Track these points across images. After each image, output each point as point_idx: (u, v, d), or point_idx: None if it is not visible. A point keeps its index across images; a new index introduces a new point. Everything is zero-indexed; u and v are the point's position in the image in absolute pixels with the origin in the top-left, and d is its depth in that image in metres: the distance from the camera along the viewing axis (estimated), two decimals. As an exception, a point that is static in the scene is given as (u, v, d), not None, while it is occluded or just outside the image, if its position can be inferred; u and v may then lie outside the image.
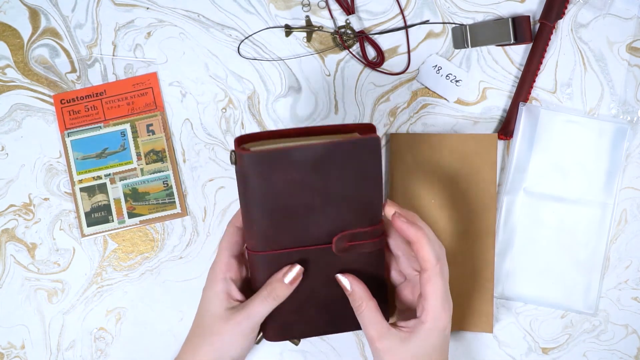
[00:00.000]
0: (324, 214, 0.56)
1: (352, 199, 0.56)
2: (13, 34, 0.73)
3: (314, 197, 0.55)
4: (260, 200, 0.55)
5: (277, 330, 0.61)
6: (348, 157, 0.54)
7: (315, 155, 0.54)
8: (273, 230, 0.56)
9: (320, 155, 0.54)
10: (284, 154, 0.53)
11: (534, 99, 0.72)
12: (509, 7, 0.73)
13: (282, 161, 0.54)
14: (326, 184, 0.55)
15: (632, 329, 0.71)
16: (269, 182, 0.54)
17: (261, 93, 0.73)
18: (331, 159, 0.54)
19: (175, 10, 0.73)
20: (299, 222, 0.56)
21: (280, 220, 0.56)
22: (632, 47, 0.72)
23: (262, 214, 0.55)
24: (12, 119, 0.72)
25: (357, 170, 0.55)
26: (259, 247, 0.57)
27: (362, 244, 0.57)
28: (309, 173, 0.54)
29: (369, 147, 0.55)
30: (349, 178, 0.55)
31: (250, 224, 0.56)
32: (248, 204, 0.55)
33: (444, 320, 0.56)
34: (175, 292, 0.72)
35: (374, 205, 0.57)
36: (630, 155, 0.72)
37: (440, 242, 0.58)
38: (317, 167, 0.54)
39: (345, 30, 0.73)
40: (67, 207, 0.72)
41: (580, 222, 0.71)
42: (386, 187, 0.72)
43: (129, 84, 0.72)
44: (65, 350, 0.71)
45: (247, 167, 0.54)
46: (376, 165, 0.55)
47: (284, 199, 0.55)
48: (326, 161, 0.54)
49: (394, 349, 0.55)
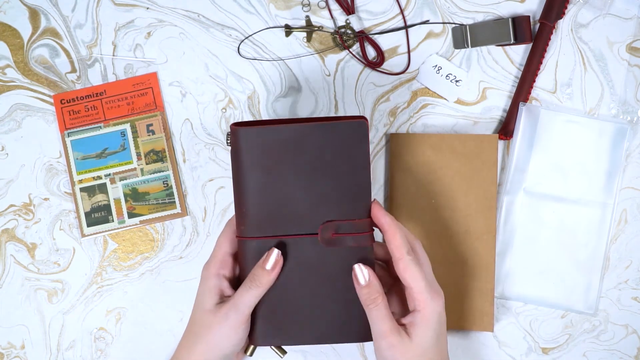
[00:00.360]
0: (313, 200, 0.57)
1: (341, 185, 0.57)
2: (13, 34, 0.73)
3: (303, 180, 0.57)
4: (249, 177, 0.57)
5: (264, 333, 0.60)
6: (335, 139, 0.56)
7: (303, 134, 0.56)
8: (261, 212, 0.57)
9: (308, 134, 0.56)
10: (273, 131, 0.56)
11: (534, 99, 0.72)
12: (509, 7, 0.73)
13: (272, 137, 0.56)
14: (315, 166, 0.57)
15: (632, 329, 0.71)
16: (259, 158, 0.57)
17: (261, 93, 0.73)
18: (319, 140, 0.56)
19: (175, 10, 0.73)
20: (288, 207, 0.57)
21: (269, 202, 0.57)
22: (632, 47, 0.72)
23: (251, 192, 0.57)
24: (12, 119, 0.72)
25: (344, 154, 0.57)
26: (247, 232, 0.58)
27: (348, 236, 0.57)
28: (297, 153, 0.57)
29: (356, 129, 0.56)
30: (337, 161, 0.57)
31: (240, 204, 0.58)
32: (239, 182, 0.57)
33: (436, 304, 0.56)
34: (175, 292, 0.72)
35: (362, 194, 0.57)
36: (630, 155, 0.72)
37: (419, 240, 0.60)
38: (305, 147, 0.57)
39: (345, 30, 0.73)
40: (67, 207, 0.72)
41: (580, 222, 0.71)
42: (386, 187, 0.72)
43: (129, 84, 0.72)
44: (65, 350, 0.71)
45: (239, 142, 0.56)
46: (363, 149, 0.57)
47: (272, 178, 0.57)
48: (314, 141, 0.57)
49: (404, 343, 0.56)
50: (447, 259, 0.70)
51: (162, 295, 0.72)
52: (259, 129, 0.56)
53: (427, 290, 0.56)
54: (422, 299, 0.56)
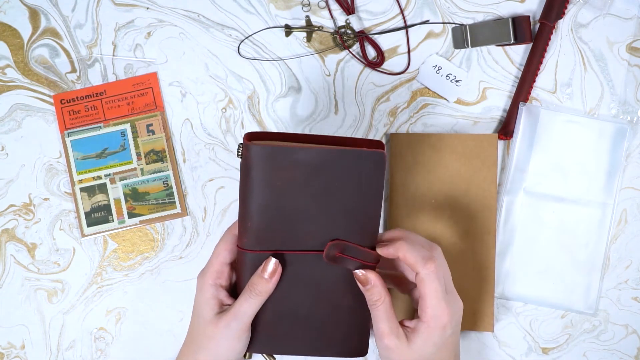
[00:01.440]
0: (320, 221, 0.56)
1: (350, 211, 0.56)
2: (13, 34, 0.73)
3: (312, 201, 0.55)
4: (259, 194, 0.55)
5: (260, 341, 0.60)
6: (352, 168, 0.54)
7: (320, 160, 0.54)
8: (266, 228, 0.56)
9: (325, 160, 0.54)
10: (289, 152, 0.54)
11: (534, 99, 0.72)
12: (509, 7, 0.73)
13: (287, 159, 0.54)
14: (327, 190, 0.55)
15: (632, 329, 0.71)
16: (271, 177, 0.54)
17: (261, 93, 0.73)
18: (335, 166, 0.54)
19: (175, 10, 0.73)
20: (294, 224, 0.56)
21: (275, 219, 0.56)
22: (632, 47, 0.72)
23: (258, 208, 0.55)
24: (12, 119, 0.72)
25: (359, 183, 0.55)
26: (250, 245, 0.57)
27: (353, 260, 0.57)
28: (311, 176, 0.54)
29: (374, 161, 0.55)
30: (350, 189, 0.55)
31: (246, 219, 0.56)
32: (246, 197, 0.56)
33: (444, 318, 0.56)
34: (175, 292, 0.72)
35: (371, 223, 0.56)
36: (630, 155, 0.72)
37: (434, 242, 0.59)
38: (320, 171, 0.54)
39: (345, 30, 0.73)
40: (67, 207, 0.72)
41: (580, 222, 0.71)
42: (386, 187, 0.72)
43: (129, 84, 0.72)
44: (65, 350, 0.71)
45: (251, 158, 0.54)
46: (379, 181, 0.55)
47: (282, 197, 0.55)
48: (329, 167, 0.54)
49: (400, 347, 0.56)
50: (447, 259, 0.69)
51: (162, 295, 0.72)
52: (274, 148, 0.54)
53: (437, 304, 0.56)
54: (430, 313, 0.56)
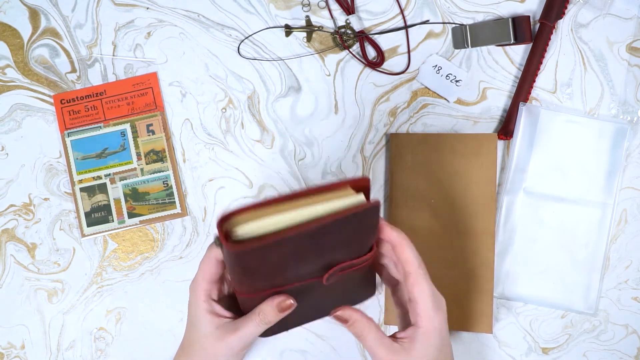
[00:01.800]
0: (316, 261, 0.53)
1: (347, 243, 0.53)
2: (13, 34, 0.73)
3: (307, 254, 0.52)
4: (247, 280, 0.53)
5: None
6: (345, 226, 0.50)
7: (309, 236, 0.49)
8: (263, 284, 0.54)
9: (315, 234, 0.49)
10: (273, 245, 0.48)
11: (534, 99, 0.72)
12: (509, 7, 0.73)
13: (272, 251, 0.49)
14: (321, 245, 0.51)
15: (632, 329, 0.71)
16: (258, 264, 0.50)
17: (261, 93, 0.73)
18: (327, 231, 0.49)
19: (175, 10, 0.73)
20: (290, 270, 0.53)
21: (270, 276, 0.53)
22: (632, 47, 0.72)
23: (251, 282, 0.53)
24: (12, 119, 0.72)
25: (354, 232, 0.52)
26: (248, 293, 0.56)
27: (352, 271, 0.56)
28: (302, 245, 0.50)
29: (370, 214, 0.51)
30: (345, 238, 0.52)
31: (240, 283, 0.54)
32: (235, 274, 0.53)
33: (438, 320, 0.56)
34: (175, 292, 0.72)
35: (369, 242, 0.55)
36: (630, 155, 0.72)
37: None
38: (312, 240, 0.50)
39: (345, 30, 0.73)
40: (67, 207, 0.72)
41: (580, 222, 0.71)
42: (386, 187, 0.72)
43: (129, 84, 0.72)
44: (65, 350, 0.71)
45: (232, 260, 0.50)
46: (374, 225, 0.53)
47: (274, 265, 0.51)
48: (321, 233, 0.49)
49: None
50: (447, 259, 0.70)
51: (162, 295, 0.72)
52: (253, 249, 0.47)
53: (430, 306, 0.55)
54: (425, 316, 0.55)
